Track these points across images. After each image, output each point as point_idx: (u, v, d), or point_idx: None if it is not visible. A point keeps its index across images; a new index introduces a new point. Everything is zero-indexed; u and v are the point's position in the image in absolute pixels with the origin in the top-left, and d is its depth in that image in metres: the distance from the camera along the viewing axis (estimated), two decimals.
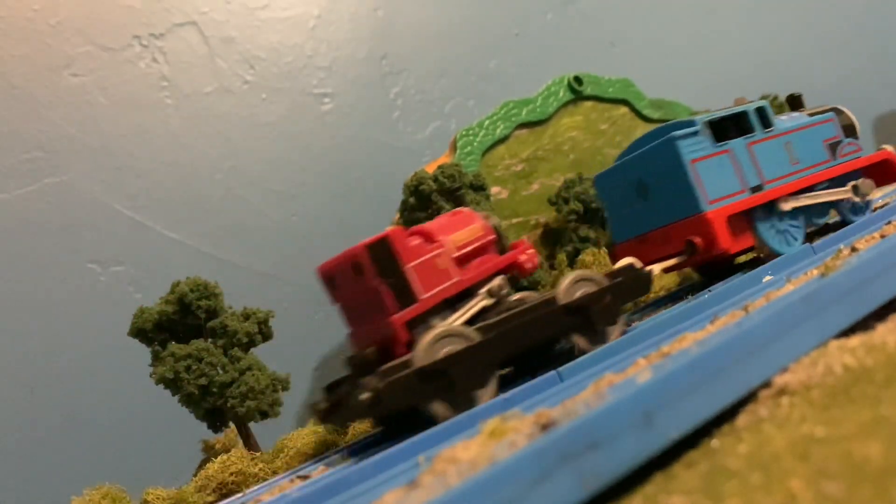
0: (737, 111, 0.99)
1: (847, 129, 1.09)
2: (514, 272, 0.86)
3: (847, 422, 0.34)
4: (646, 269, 0.86)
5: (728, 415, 0.43)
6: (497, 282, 0.81)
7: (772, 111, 1.01)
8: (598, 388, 0.49)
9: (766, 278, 0.86)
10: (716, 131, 0.97)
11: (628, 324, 0.86)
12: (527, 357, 0.79)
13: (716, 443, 0.40)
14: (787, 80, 1.74)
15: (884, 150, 1.09)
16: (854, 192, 1.03)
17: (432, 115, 1.81)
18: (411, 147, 1.76)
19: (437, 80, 1.84)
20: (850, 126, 1.10)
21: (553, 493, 0.33)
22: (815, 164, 1.02)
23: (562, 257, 1.33)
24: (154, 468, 1.26)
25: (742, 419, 0.42)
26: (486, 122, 1.49)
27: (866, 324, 0.52)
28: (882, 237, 0.80)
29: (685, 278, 1.20)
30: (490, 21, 1.94)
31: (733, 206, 0.94)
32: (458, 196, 0.90)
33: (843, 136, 1.07)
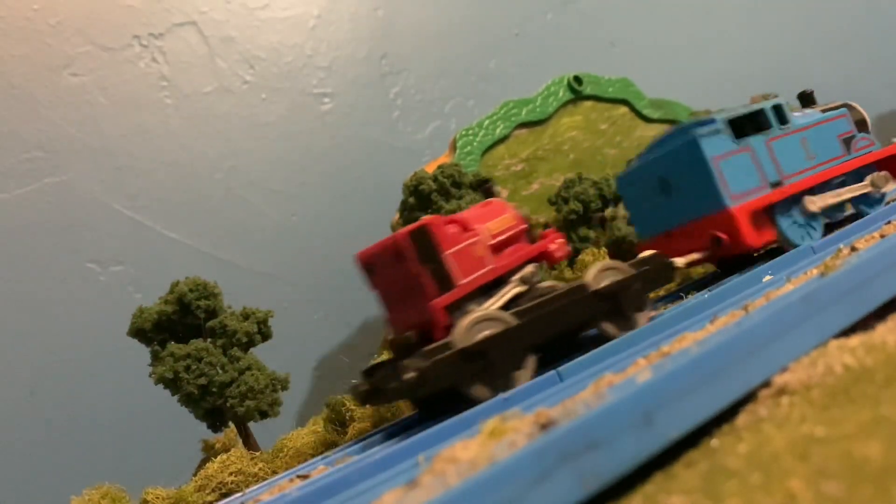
0: (755, 109, 1.01)
1: (859, 124, 1.11)
2: (544, 260, 0.88)
3: (847, 421, 0.34)
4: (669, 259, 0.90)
5: (728, 414, 0.43)
6: (529, 269, 0.84)
7: (788, 108, 1.04)
8: (598, 388, 0.49)
9: (766, 278, 0.86)
10: (735, 129, 0.99)
11: (655, 309, 0.89)
12: (555, 343, 0.81)
13: (716, 442, 0.40)
14: (787, 80, 1.74)
15: None
16: (872, 185, 1.06)
17: (432, 115, 1.81)
18: (411, 147, 1.76)
19: (437, 80, 1.84)
20: (861, 121, 1.12)
21: (553, 492, 0.33)
22: (830, 158, 1.04)
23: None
24: (154, 468, 1.26)
25: (742, 419, 0.42)
26: (486, 121, 1.49)
27: (866, 323, 0.52)
28: (882, 237, 0.80)
29: (685, 277, 1.20)
30: (490, 21, 1.94)
31: (755, 202, 0.96)
32: (488, 188, 0.93)
33: (856, 130, 1.09)
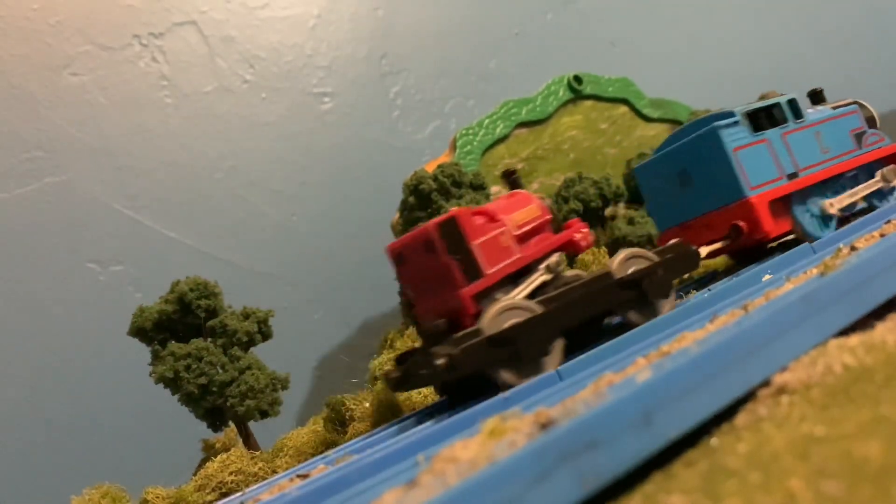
0: (771, 103, 1.04)
1: (868, 121, 1.15)
2: (568, 250, 0.90)
3: (847, 421, 0.34)
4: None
5: (727, 414, 0.42)
6: (554, 258, 0.86)
7: (801, 103, 1.07)
8: (598, 388, 0.49)
9: (766, 277, 0.86)
10: (753, 122, 1.02)
11: (679, 297, 0.90)
12: (580, 331, 0.83)
13: (715, 442, 0.40)
14: (787, 80, 1.74)
15: None
16: (883, 179, 1.09)
17: (432, 114, 1.81)
18: (411, 146, 1.76)
19: (437, 80, 1.84)
20: (870, 118, 1.16)
21: (552, 492, 0.33)
22: (843, 152, 1.08)
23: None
24: (154, 467, 1.26)
25: (741, 418, 0.42)
26: (486, 121, 1.49)
27: (866, 323, 0.52)
28: (882, 236, 0.80)
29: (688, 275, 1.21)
30: (490, 21, 1.94)
31: (773, 192, 0.98)
32: (514, 179, 0.94)
33: (867, 127, 1.13)
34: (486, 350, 0.72)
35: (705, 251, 0.97)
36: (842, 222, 1.06)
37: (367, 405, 0.97)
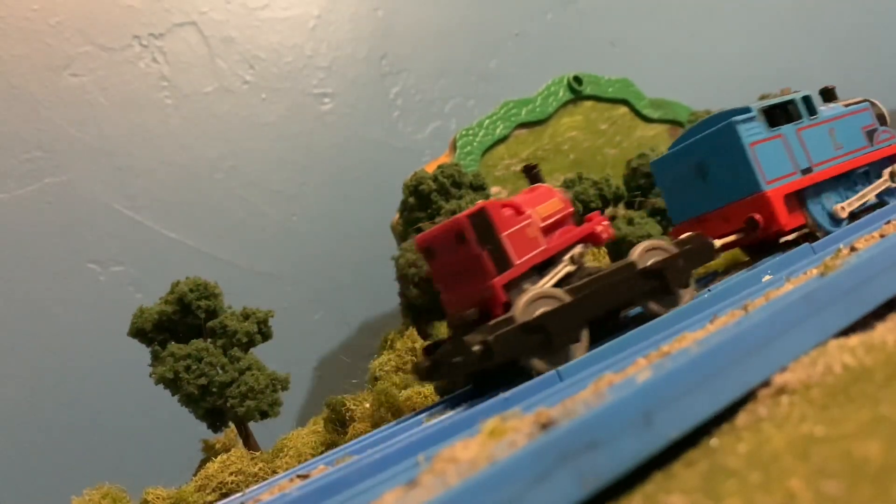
0: (786, 99, 1.06)
1: (879, 119, 1.17)
2: (590, 241, 0.92)
3: (846, 421, 0.34)
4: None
5: (727, 414, 0.42)
6: (578, 249, 0.88)
7: (816, 100, 1.09)
8: (598, 388, 0.49)
9: (766, 278, 0.86)
10: (768, 117, 1.04)
11: (698, 289, 0.92)
12: (601, 321, 0.85)
13: (715, 442, 0.40)
14: (787, 80, 1.74)
15: None
16: (891, 178, 1.11)
17: (432, 115, 1.81)
18: (411, 147, 1.76)
19: (437, 80, 1.84)
20: (881, 115, 1.18)
21: (552, 492, 0.33)
22: (855, 149, 1.10)
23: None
24: (154, 468, 1.26)
25: (741, 418, 0.42)
26: (486, 121, 1.49)
27: (866, 323, 0.52)
28: (882, 237, 0.80)
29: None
30: (490, 21, 1.94)
31: (788, 186, 1.01)
32: (535, 174, 0.96)
33: (878, 124, 1.15)
34: (519, 337, 0.74)
35: (720, 243, 0.99)
36: (854, 216, 1.09)
37: (367, 405, 0.97)
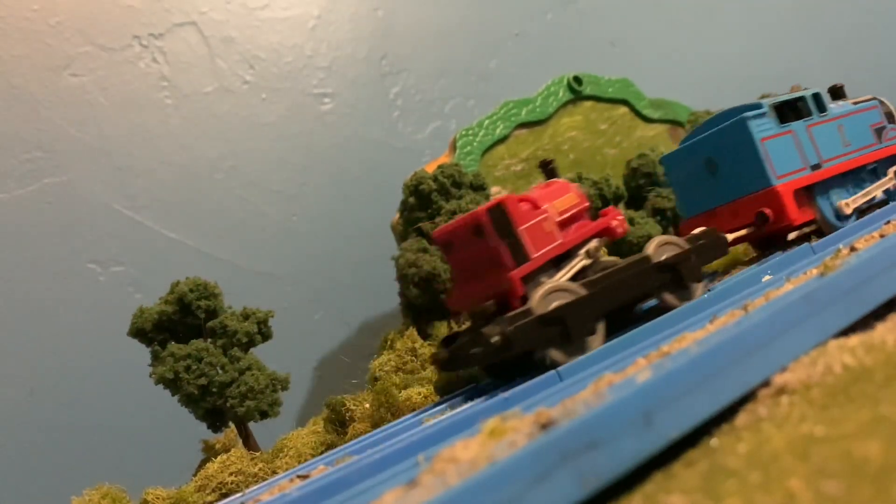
0: (796, 96, 1.08)
1: (887, 116, 1.19)
2: (605, 236, 0.93)
3: (846, 421, 0.34)
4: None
5: (727, 414, 0.42)
6: (594, 244, 0.89)
7: (826, 97, 1.11)
8: (598, 388, 0.49)
9: (766, 278, 0.86)
10: (779, 114, 1.05)
11: (707, 285, 0.94)
12: (615, 315, 0.86)
13: (715, 442, 0.40)
14: (787, 81, 1.74)
15: None
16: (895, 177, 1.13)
17: (432, 115, 1.81)
18: (411, 147, 1.76)
19: (437, 80, 1.84)
20: (889, 113, 1.20)
21: (552, 492, 0.33)
22: (864, 146, 1.12)
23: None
24: (154, 468, 1.26)
25: (741, 418, 0.42)
26: (486, 121, 1.49)
27: (866, 323, 0.52)
28: (881, 237, 0.80)
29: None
30: (490, 21, 1.94)
31: (798, 182, 1.02)
32: (551, 169, 0.97)
33: (886, 122, 1.17)
34: (537, 329, 0.75)
35: (731, 238, 1.00)
36: (862, 212, 1.10)
37: (367, 406, 0.97)
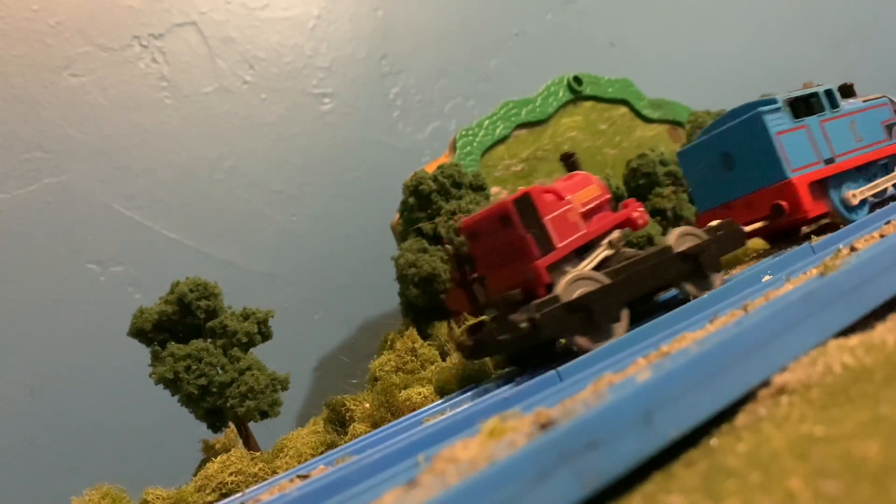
0: (810, 92, 1.10)
1: None
2: (627, 227, 0.95)
3: (846, 421, 0.34)
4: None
5: (727, 414, 0.42)
6: (616, 234, 0.91)
7: (838, 94, 1.13)
8: (598, 388, 0.49)
9: (765, 278, 0.86)
10: (793, 109, 1.08)
11: (724, 276, 0.95)
12: (637, 305, 0.88)
13: (715, 442, 0.40)
14: (787, 81, 1.74)
15: None
16: None
17: (432, 115, 1.81)
18: (411, 147, 1.76)
19: (437, 80, 1.84)
20: None
21: (552, 492, 0.33)
22: (875, 142, 1.14)
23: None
24: (154, 468, 1.26)
25: (741, 418, 0.42)
26: (486, 122, 1.49)
27: (866, 323, 0.52)
28: (881, 237, 0.80)
29: None
30: (490, 21, 1.94)
31: (812, 175, 1.04)
32: (572, 162, 0.98)
33: None
34: (564, 316, 0.77)
35: (747, 230, 1.02)
36: (875, 206, 1.13)
37: (367, 406, 0.97)
